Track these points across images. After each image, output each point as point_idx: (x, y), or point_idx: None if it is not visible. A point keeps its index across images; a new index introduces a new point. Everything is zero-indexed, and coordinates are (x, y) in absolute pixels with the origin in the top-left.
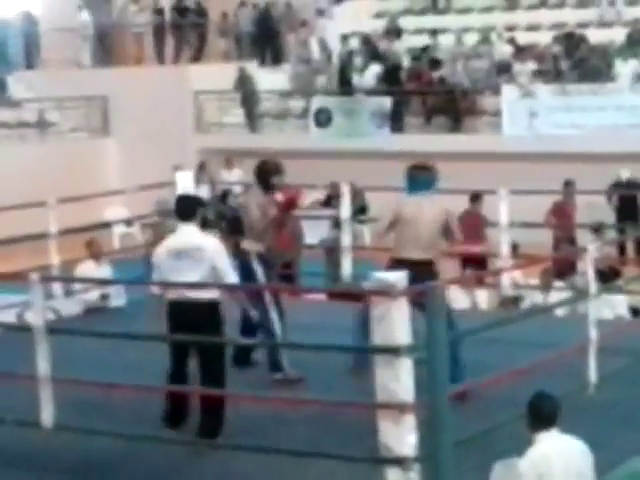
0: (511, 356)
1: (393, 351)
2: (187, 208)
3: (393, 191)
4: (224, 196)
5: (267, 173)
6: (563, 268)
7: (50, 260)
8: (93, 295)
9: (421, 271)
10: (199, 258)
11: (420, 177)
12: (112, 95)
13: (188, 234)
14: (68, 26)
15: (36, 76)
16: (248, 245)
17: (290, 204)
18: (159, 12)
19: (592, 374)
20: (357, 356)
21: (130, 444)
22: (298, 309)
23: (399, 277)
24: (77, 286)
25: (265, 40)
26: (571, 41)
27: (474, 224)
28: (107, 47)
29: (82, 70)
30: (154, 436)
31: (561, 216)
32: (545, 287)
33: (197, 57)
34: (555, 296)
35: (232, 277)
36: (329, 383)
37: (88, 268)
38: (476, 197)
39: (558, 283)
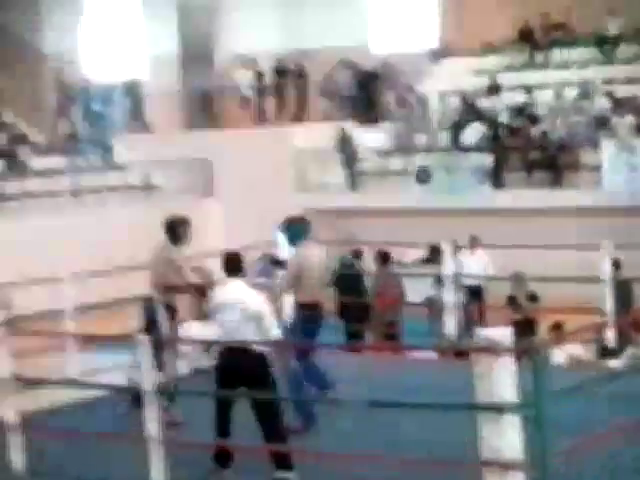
0: (616, 412)
1: (498, 409)
2: (234, 265)
3: (494, 248)
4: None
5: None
6: None
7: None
8: (200, 355)
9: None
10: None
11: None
12: (215, 156)
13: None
14: (172, 90)
15: (141, 140)
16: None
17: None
18: (260, 75)
19: None
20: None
21: None
22: (402, 368)
23: (504, 334)
24: (184, 346)
25: (365, 99)
26: None
27: None
28: (209, 109)
29: (185, 133)
30: None
31: None
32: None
33: (298, 117)
34: None
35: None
36: (432, 441)
37: (195, 328)
38: None
39: None
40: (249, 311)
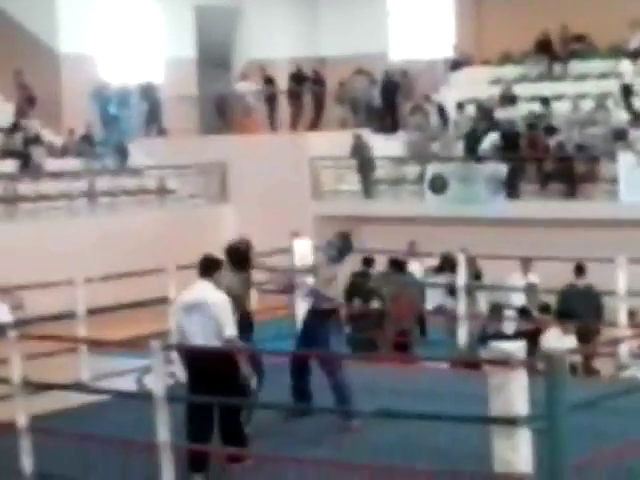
0: (632, 427)
1: (511, 422)
2: (207, 266)
3: (508, 259)
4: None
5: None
6: None
7: (169, 325)
8: None
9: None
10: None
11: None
12: (230, 162)
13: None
14: (188, 94)
15: (156, 144)
16: None
17: None
18: (269, 81)
19: None
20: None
21: None
22: (414, 377)
23: (518, 347)
24: None
25: (382, 107)
26: None
27: None
28: (225, 115)
29: (201, 137)
30: None
31: None
32: None
33: (314, 124)
34: None
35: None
36: (444, 452)
37: None
38: None
39: None
40: (210, 311)
